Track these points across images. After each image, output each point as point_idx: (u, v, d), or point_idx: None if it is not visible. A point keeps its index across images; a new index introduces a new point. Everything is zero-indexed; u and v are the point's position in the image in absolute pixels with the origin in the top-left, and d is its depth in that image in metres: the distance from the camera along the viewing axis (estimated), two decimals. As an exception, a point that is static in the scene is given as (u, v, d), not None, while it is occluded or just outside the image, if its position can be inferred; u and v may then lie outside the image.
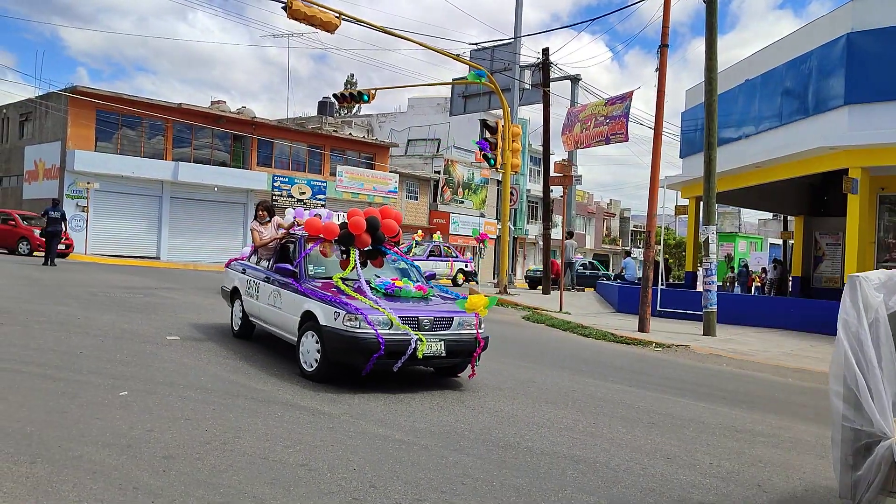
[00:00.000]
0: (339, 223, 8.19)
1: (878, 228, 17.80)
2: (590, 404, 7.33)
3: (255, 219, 9.84)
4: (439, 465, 4.87)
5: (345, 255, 8.05)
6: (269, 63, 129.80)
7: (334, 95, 19.33)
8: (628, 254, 29.15)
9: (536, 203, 49.85)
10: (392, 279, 8.04)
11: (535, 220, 49.63)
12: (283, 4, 13.81)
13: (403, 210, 39.70)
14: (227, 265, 10.36)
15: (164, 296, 14.33)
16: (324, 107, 43.21)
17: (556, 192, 29.00)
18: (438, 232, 35.63)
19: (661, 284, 18.81)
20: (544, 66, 23.47)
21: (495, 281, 29.18)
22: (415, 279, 8.57)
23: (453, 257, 29.55)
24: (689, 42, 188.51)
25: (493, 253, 37.97)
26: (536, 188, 45.96)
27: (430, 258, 27.65)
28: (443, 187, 41.49)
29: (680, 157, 24.27)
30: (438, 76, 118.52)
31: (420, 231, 33.81)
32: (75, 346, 8.14)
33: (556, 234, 32.94)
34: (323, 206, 27.83)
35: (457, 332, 7.32)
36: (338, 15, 14.57)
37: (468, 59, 23.09)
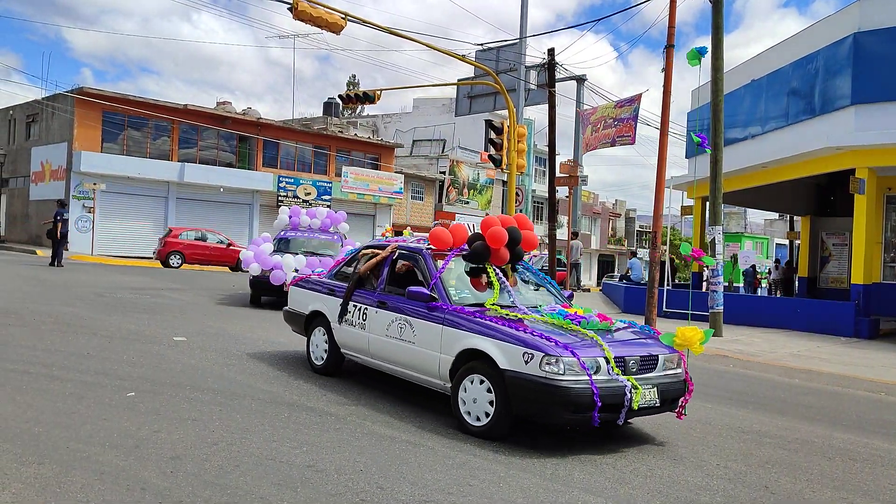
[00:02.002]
0: (471, 233, 6.94)
1: (885, 229, 17.74)
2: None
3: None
4: (446, 467, 4.87)
5: (474, 274, 6.72)
6: (273, 64, 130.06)
7: (339, 97, 19.30)
8: (634, 254, 29.10)
9: (542, 203, 49.80)
10: (561, 304, 6.76)
11: (541, 220, 49.59)
12: (289, 5, 13.82)
13: (408, 211, 39.72)
14: (297, 283, 8.56)
15: (171, 297, 14.36)
16: (329, 107, 43.26)
17: (562, 192, 28.98)
18: (409, 228, 35.30)
19: (668, 285, 18.77)
20: (550, 66, 23.45)
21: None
22: (559, 300, 7.15)
23: None
24: (693, 42, 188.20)
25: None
26: (542, 188, 45.90)
27: None
28: (448, 188, 41.49)
29: (686, 157, 24.19)
30: (443, 76, 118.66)
31: (388, 226, 32.82)
32: (82, 346, 8.17)
33: (562, 234, 32.87)
34: (328, 206, 27.82)
35: (663, 373, 5.85)
36: (343, 16, 14.58)
37: (473, 59, 23.09)
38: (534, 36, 26.28)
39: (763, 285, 33.75)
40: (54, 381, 6.43)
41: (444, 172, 41.70)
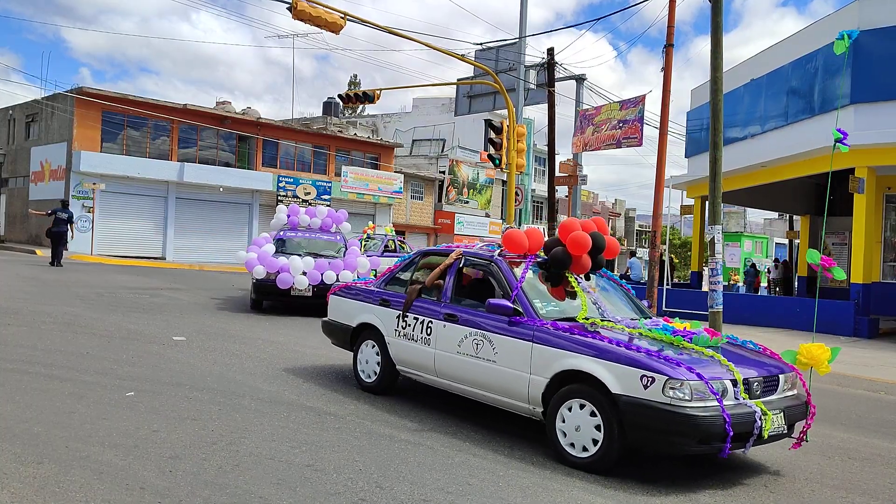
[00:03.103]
0: (547, 239, 6.36)
1: (884, 228, 17.75)
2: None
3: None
4: (445, 466, 4.87)
5: (551, 283, 6.13)
6: (272, 63, 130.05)
7: (339, 96, 19.29)
8: (633, 254, 29.09)
9: (541, 203, 49.84)
10: (662, 318, 6.18)
11: (540, 219, 49.61)
12: (288, 5, 13.82)
13: (408, 210, 39.72)
14: (339, 292, 7.74)
15: (170, 296, 14.36)
16: (328, 107, 43.25)
17: (562, 191, 28.94)
18: (391, 225, 34.88)
19: (667, 284, 18.78)
20: (549, 66, 23.45)
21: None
22: (647, 314, 6.51)
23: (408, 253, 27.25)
24: (692, 41, 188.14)
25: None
26: (541, 188, 45.92)
27: (385, 255, 25.77)
28: (448, 187, 41.48)
29: (685, 156, 24.20)
30: (442, 76, 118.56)
31: (371, 223, 32.19)
32: (82, 346, 8.17)
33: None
34: (328, 205, 27.79)
35: (783, 395, 5.30)
36: (343, 15, 14.58)
37: (473, 58, 23.08)
38: (533, 35, 26.24)
39: (763, 284, 33.76)
40: (54, 380, 6.43)
41: (443, 172, 41.70)
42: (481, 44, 25.34)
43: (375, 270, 13.41)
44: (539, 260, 6.24)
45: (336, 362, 8.52)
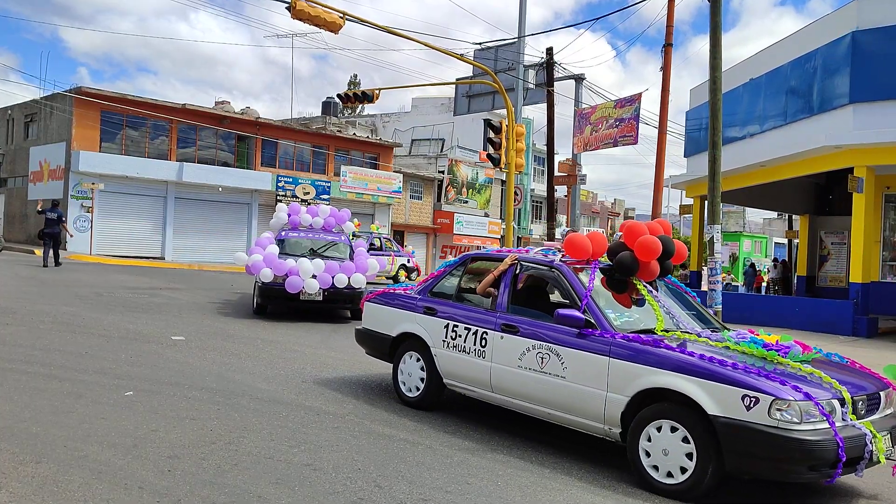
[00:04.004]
0: (610, 243, 5.97)
1: (883, 227, 17.77)
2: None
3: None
4: (444, 465, 4.87)
5: (613, 289, 5.70)
6: (270, 63, 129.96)
7: (338, 96, 19.28)
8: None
9: (540, 202, 49.84)
10: (748, 329, 5.59)
11: (539, 219, 49.61)
12: (287, 4, 13.81)
13: (407, 210, 39.72)
14: (376, 299, 7.16)
15: (169, 296, 14.35)
16: (328, 107, 43.23)
17: (561, 191, 28.93)
18: (377, 223, 34.72)
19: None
20: (548, 65, 23.45)
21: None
22: (721, 324, 6.07)
23: (394, 252, 26.97)
24: (690, 40, 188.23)
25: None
26: (541, 188, 45.92)
27: (370, 253, 25.11)
28: (447, 187, 41.47)
29: (684, 156, 24.17)
30: (441, 75, 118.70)
31: (356, 220, 31.88)
32: (80, 346, 8.17)
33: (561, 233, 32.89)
34: (327, 203, 27.72)
35: (884, 414, 4.86)
36: (342, 15, 14.57)
37: (472, 58, 23.08)
38: (532, 35, 26.24)
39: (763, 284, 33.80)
40: (52, 380, 6.42)
41: (442, 172, 41.69)
42: (480, 43, 25.34)
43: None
44: (602, 266, 5.80)
45: (334, 362, 8.52)
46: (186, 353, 8.24)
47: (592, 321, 5.25)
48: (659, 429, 4.66)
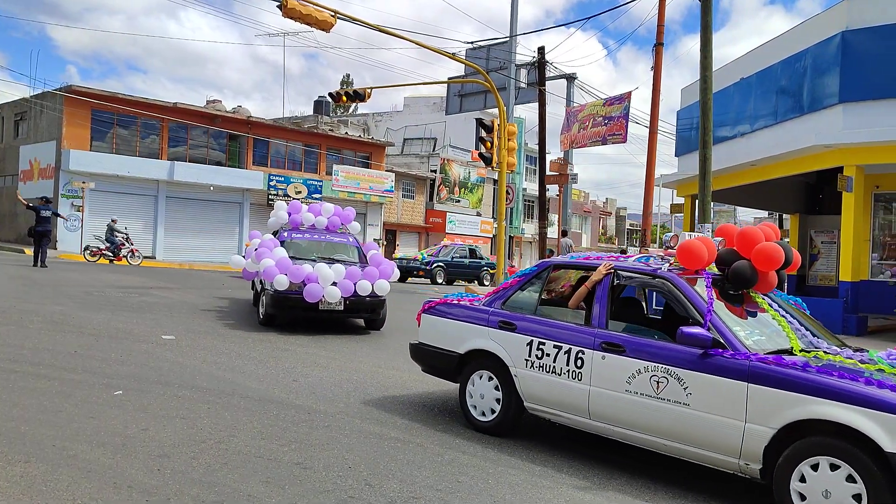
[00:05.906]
0: (721, 250, 5.40)
1: (873, 226, 17.85)
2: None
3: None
4: (435, 463, 4.87)
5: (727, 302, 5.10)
6: (261, 61, 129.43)
7: (330, 94, 19.28)
8: (624, 252, 29.18)
9: (532, 202, 49.87)
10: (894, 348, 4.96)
11: (531, 218, 49.69)
12: (279, 3, 13.79)
13: (399, 209, 39.70)
14: (435, 310, 6.41)
15: (160, 295, 14.30)
16: (320, 106, 43.18)
17: (553, 190, 28.98)
18: (355, 223, 34.62)
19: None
20: (540, 65, 23.49)
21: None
22: (829, 338, 5.32)
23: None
24: (680, 40, 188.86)
25: (489, 252, 38.06)
26: (533, 187, 45.99)
27: None
28: (439, 186, 41.48)
29: (675, 155, 24.24)
30: (432, 74, 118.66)
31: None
32: (70, 345, 8.13)
33: (553, 232, 32.96)
34: (320, 198, 27.64)
35: None
36: (333, 14, 14.55)
37: (464, 57, 23.11)
38: (524, 34, 26.34)
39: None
40: (41, 379, 6.39)
41: (434, 171, 41.70)
42: (472, 42, 25.41)
43: None
44: (714, 276, 5.22)
45: (325, 360, 8.51)
46: (176, 353, 8.22)
47: (721, 340, 4.62)
48: (815, 466, 4.07)
